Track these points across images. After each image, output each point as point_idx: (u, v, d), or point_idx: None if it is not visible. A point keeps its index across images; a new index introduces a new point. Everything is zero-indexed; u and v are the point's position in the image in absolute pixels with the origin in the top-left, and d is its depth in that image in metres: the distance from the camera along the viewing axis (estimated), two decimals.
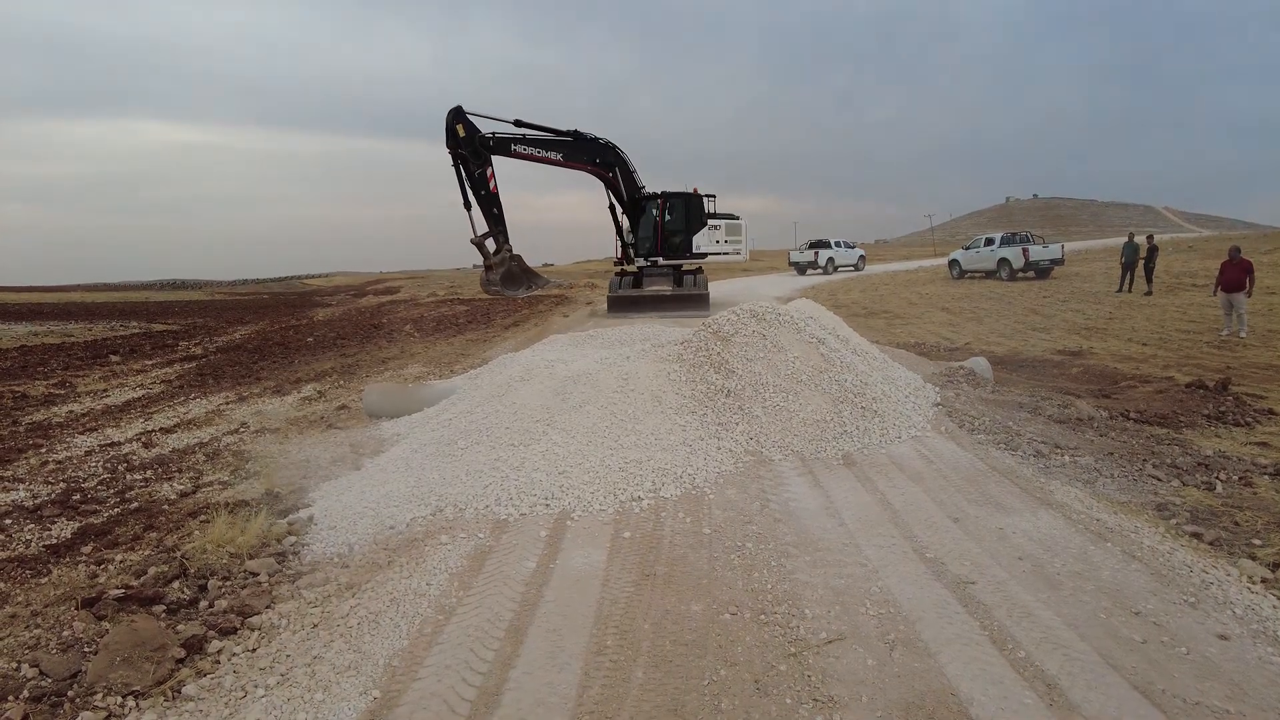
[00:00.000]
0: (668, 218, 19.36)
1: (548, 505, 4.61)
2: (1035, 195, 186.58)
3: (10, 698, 2.89)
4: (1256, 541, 4.36)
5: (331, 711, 2.58)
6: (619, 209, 19.53)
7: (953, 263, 30.70)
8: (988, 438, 6.23)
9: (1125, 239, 23.07)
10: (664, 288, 18.09)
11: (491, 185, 16.59)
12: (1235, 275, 14.34)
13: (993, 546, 3.91)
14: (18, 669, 3.09)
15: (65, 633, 3.38)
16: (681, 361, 6.62)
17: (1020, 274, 27.05)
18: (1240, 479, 5.72)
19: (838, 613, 3.17)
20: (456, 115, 16.11)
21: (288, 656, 3.00)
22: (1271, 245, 31.74)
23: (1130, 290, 21.51)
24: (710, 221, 19.61)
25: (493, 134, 16.84)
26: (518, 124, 17.13)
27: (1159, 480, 5.63)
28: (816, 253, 38.45)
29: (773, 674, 2.72)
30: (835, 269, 38.71)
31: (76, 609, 3.61)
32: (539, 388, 6.50)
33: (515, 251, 17.40)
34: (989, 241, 29.11)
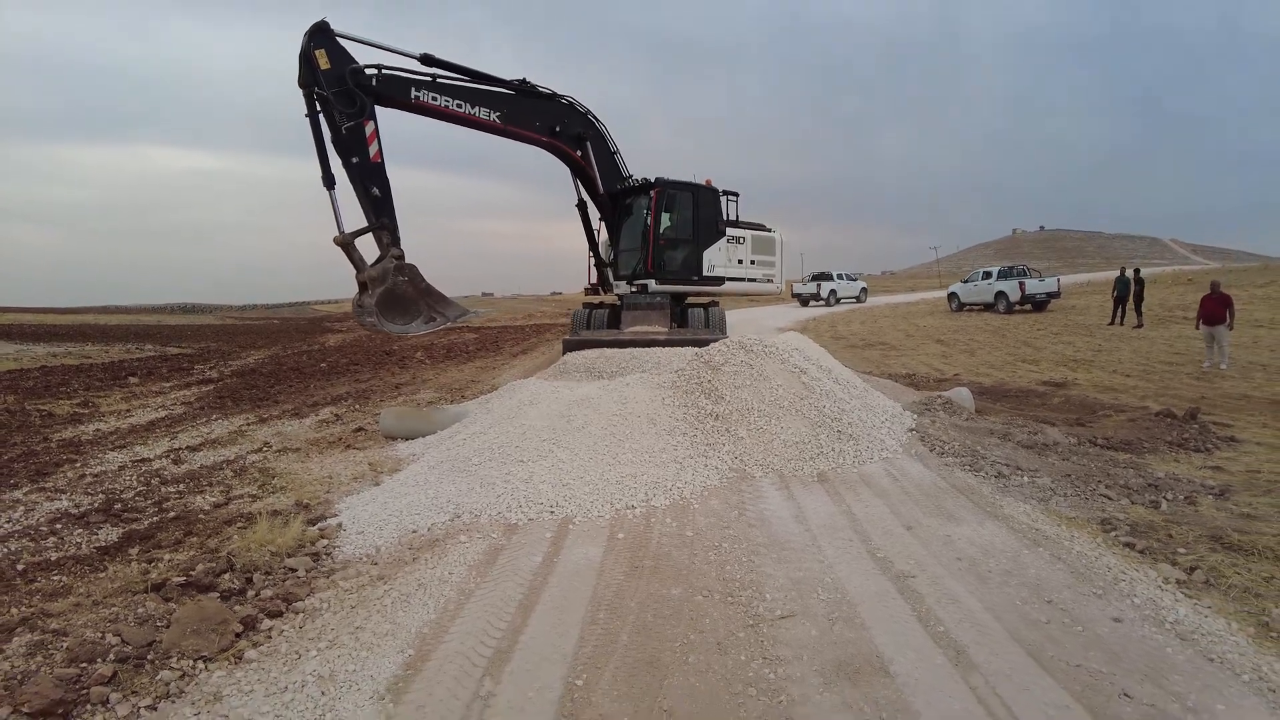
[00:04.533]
0: (666, 220, 13.31)
1: (552, 512, 5.21)
2: (1041, 227, 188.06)
3: (99, 660, 3.48)
4: (1182, 550, 4.83)
5: (375, 664, 3.18)
6: (591, 206, 13.71)
7: (951, 295, 31.42)
8: (955, 460, 6.78)
9: (1117, 273, 23.75)
10: (655, 327, 12.19)
11: (373, 150, 9.95)
12: (1215, 308, 14.84)
13: (937, 550, 4.49)
14: (103, 638, 3.68)
15: (140, 610, 3.97)
16: (675, 388, 7.24)
17: (1018, 306, 27.70)
18: (1186, 499, 6.16)
19: (793, 597, 3.76)
20: (316, 36, 9.58)
21: (332, 629, 3.59)
22: (1268, 278, 32.25)
23: (1122, 323, 22.11)
24: (730, 232, 13.80)
25: (378, 69, 10.23)
26: (427, 61, 10.71)
27: (1109, 499, 6.11)
28: (819, 284, 39.30)
29: (733, 639, 3.32)
30: (838, 300, 39.45)
31: (146, 592, 4.21)
32: (545, 410, 7.12)
33: (410, 261, 10.20)
34: (986, 275, 29.86)
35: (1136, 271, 23.02)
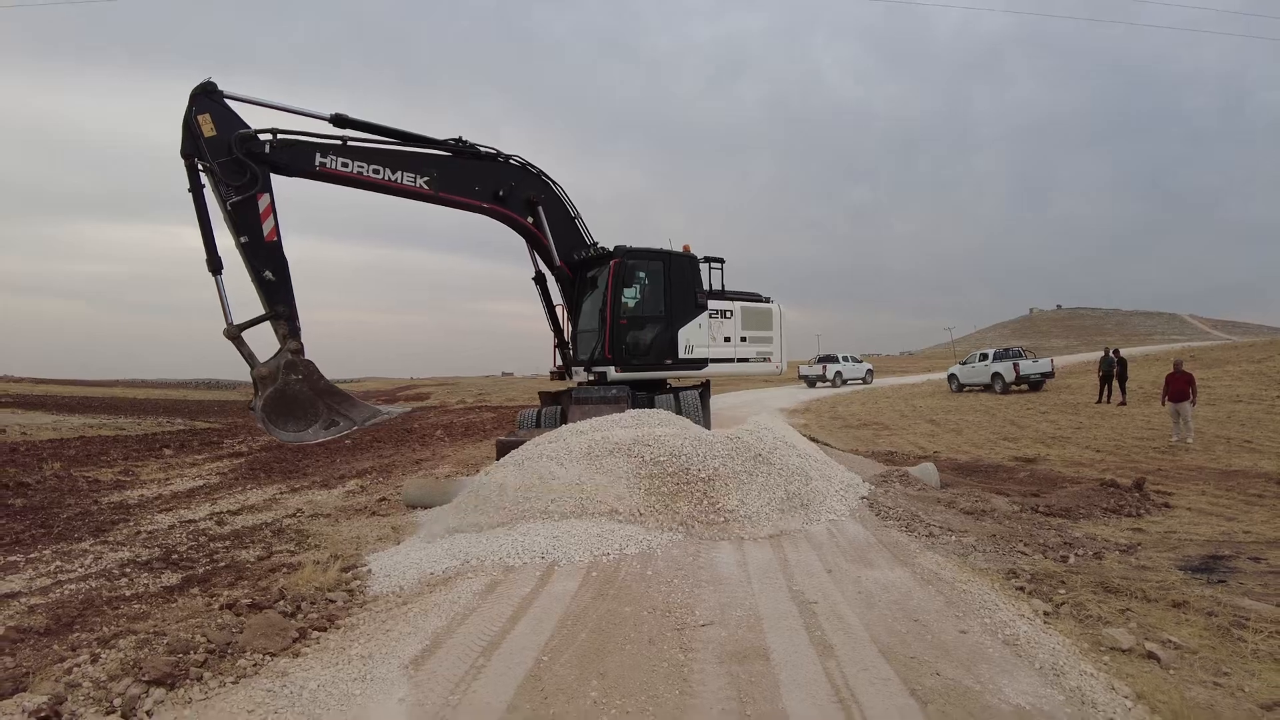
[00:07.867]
0: (630, 296, 11.53)
1: (543, 558, 6.38)
2: (1059, 306, 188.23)
3: (191, 651, 4.65)
4: (1062, 591, 5.66)
5: (402, 649, 4.40)
6: (551, 279, 12.19)
7: (951, 377, 32.50)
8: (895, 523, 7.79)
9: (1102, 353, 24.86)
10: None
11: (266, 228, 8.78)
12: (1180, 386, 15.77)
13: (845, 586, 5.59)
14: (193, 637, 4.85)
15: (218, 621, 5.16)
16: (655, 461, 8.40)
17: (1013, 386, 28.69)
18: (1094, 554, 6.92)
19: (717, 613, 4.90)
20: (200, 99, 8.50)
21: (368, 633, 4.79)
22: (1267, 353, 32.83)
23: (1108, 401, 23.04)
24: (712, 305, 12.10)
25: (274, 134, 9.00)
26: (339, 122, 9.46)
27: (1024, 555, 6.89)
28: (825, 366, 40.57)
29: (661, 637, 4.49)
30: (844, 382, 40.55)
31: (221, 609, 5.42)
32: (542, 478, 8.29)
33: (308, 356, 9.25)
34: (983, 357, 31.02)
35: (1117, 351, 24.10)
